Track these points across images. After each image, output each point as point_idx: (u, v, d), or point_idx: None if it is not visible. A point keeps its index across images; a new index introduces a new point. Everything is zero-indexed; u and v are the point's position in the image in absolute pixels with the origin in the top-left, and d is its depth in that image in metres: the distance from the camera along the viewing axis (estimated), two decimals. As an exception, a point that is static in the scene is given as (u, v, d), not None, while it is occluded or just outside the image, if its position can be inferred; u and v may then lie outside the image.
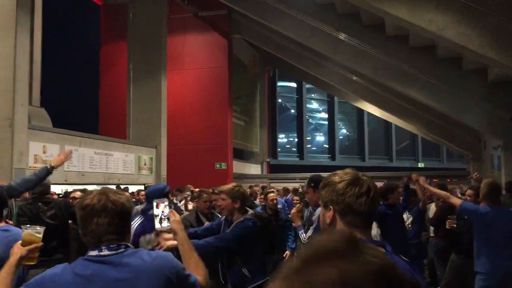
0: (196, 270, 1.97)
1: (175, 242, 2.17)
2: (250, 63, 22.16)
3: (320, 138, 30.79)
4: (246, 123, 21.83)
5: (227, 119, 18.57)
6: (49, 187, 5.11)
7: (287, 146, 29.06)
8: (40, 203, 4.83)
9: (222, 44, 18.72)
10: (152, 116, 14.70)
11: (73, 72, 22.88)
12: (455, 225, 5.33)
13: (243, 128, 21.41)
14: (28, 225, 2.20)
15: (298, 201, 6.74)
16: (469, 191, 5.14)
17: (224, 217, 3.86)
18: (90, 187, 7.63)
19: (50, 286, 1.65)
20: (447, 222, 5.42)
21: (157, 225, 2.25)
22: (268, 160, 24.62)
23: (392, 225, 4.94)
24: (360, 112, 27.99)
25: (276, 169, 24.01)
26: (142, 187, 11.01)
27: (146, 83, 14.81)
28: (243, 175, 19.30)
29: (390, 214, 5.05)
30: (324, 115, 30.43)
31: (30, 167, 9.20)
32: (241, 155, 21.57)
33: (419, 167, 27.56)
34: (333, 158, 28.73)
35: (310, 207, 4.18)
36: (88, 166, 11.62)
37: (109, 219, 1.73)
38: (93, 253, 1.72)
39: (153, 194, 3.15)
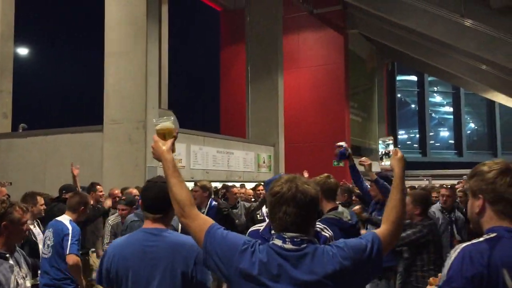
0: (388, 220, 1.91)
1: None
2: (367, 57, 21.59)
3: (445, 133, 29.01)
4: (364, 119, 21.29)
5: (344, 116, 18.29)
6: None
7: (408, 142, 27.81)
8: None
9: (337, 40, 18.48)
10: (269, 115, 15.01)
11: (196, 76, 24.30)
12: None
13: (361, 125, 20.92)
14: (158, 118, 2.17)
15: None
16: None
17: None
18: (214, 184, 8.00)
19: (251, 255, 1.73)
20: None
21: None
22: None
23: None
24: (491, 103, 25.80)
25: (397, 166, 23.05)
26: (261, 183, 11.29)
27: (264, 83, 15.17)
28: (362, 172, 18.82)
29: None
30: (449, 109, 28.59)
31: (160, 165, 9.93)
32: (359, 152, 21.08)
33: None
34: (460, 154, 26.86)
35: None
36: (212, 164, 12.22)
37: (297, 209, 1.72)
38: (278, 242, 1.73)
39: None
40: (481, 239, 1.65)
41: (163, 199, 2.18)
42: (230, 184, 8.81)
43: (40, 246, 4.48)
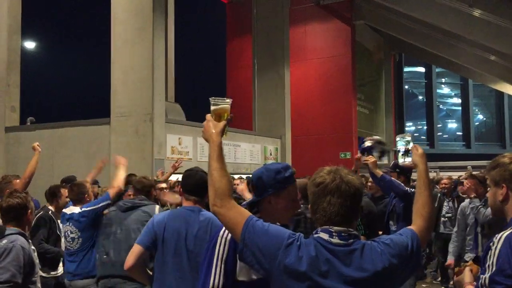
0: (421, 209, 1.91)
1: None
2: (374, 49, 21.45)
3: (452, 125, 28.85)
4: (371, 111, 21.21)
5: (351, 108, 18.22)
6: None
7: (415, 134, 27.67)
8: None
9: (344, 31, 18.37)
10: (276, 107, 14.99)
11: (202, 68, 24.28)
12: None
13: (368, 117, 20.84)
14: (214, 98, 2.07)
15: None
16: None
17: None
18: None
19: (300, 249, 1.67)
20: None
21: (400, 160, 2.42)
22: (395, 149, 23.64)
23: None
24: (499, 95, 25.58)
25: (404, 158, 22.94)
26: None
27: (270, 76, 15.13)
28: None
29: None
30: (457, 100, 28.39)
31: (168, 157, 9.98)
32: (367, 144, 21.04)
33: None
34: (468, 146, 26.70)
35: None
36: (218, 157, 12.25)
37: (341, 200, 1.68)
38: (324, 236, 1.68)
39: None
40: None
41: (202, 186, 2.70)
42: (236, 177, 8.82)
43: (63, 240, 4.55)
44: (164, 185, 5.93)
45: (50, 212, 4.74)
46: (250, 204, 2.14)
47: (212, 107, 2.03)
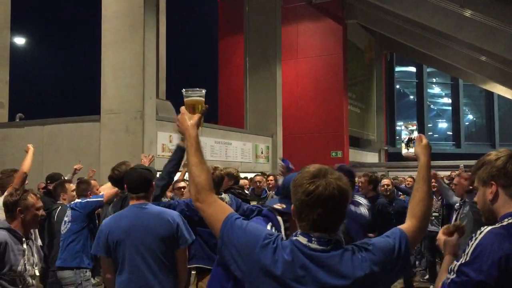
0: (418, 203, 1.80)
1: None
2: (366, 48, 21.51)
3: (443, 124, 29.04)
4: (362, 110, 21.27)
5: (343, 107, 18.25)
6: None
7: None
8: None
9: (336, 30, 18.40)
10: (268, 105, 14.97)
11: (194, 66, 24.20)
12: None
13: (359, 116, 20.89)
14: (187, 89, 2.01)
15: None
16: None
17: None
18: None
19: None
20: None
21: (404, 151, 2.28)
22: (386, 148, 23.76)
23: None
24: (489, 95, 25.77)
25: (395, 157, 23.09)
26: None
27: (262, 74, 15.11)
28: (360, 164, 18.87)
29: None
30: (447, 100, 28.57)
31: (158, 155, 9.92)
32: (357, 143, 21.09)
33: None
34: (458, 145, 26.88)
35: None
36: (210, 155, 12.20)
37: (332, 210, 1.57)
38: (303, 240, 1.58)
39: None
40: (504, 223, 1.67)
41: (144, 182, 3.04)
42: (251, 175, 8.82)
43: None
44: (182, 184, 5.69)
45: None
46: (281, 213, 2.09)
47: (186, 99, 1.97)
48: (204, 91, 2.01)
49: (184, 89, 2.01)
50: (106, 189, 4.36)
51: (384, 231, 1.80)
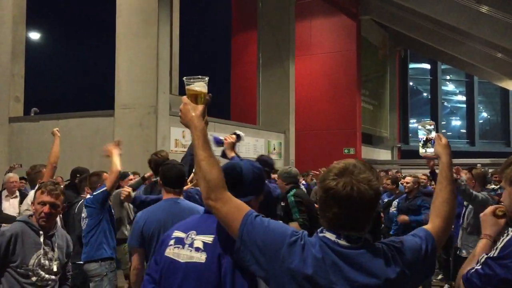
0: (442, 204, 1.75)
1: None
2: (380, 44, 21.35)
3: (457, 122, 28.77)
4: (375, 107, 21.14)
5: (356, 104, 18.16)
6: None
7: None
8: None
9: (350, 26, 18.28)
10: (280, 102, 14.95)
11: (207, 62, 24.24)
12: None
13: (372, 112, 20.77)
14: (188, 77, 1.83)
15: None
16: None
17: None
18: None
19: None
20: None
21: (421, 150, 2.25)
22: (399, 145, 23.60)
23: None
24: (505, 92, 25.45)
25: (408, 154, 22.92)
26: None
27: (275, 70, 15.08)
28: (372, 161, 18.78)
29: None
30: (462, 98, 28.29)
31: (171, 150, 9.96)
32: (370, 140, 20.98)
33: None
34: (472, 143, 26.64)
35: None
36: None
37: (350, 211, 1.48)
38: (331, 236, 1.50)
39: None
40: None
41: (182, 178, 3.23)
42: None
43: None
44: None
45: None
46: None
47: (187, 87, 1.79)
48: (207, 78, 1.82)
49: (185, 77, 1.82)
50: (108, 177, 4.44)
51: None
